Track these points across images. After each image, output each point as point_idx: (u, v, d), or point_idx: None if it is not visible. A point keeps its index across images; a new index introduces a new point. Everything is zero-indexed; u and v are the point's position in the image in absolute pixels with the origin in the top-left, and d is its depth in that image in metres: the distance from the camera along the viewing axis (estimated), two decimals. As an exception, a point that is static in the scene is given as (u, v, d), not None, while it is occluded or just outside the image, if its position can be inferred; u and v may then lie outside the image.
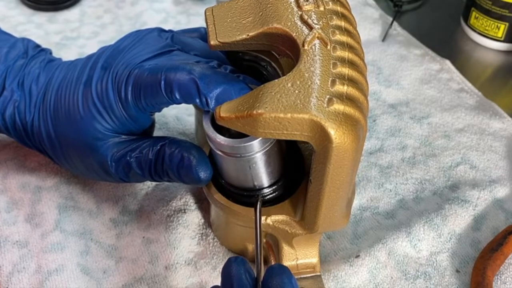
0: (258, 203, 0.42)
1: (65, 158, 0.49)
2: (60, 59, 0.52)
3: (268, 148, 0.40)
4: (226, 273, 0.37)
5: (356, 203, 0.54)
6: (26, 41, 0.53)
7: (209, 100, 0.40)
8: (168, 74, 0.41)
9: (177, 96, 0.41)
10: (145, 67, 0.43)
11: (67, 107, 0.46)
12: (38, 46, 0.53)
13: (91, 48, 0.69)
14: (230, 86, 0.40)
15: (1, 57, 0.50)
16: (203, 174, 0.44)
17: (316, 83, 0.36)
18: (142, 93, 0.43)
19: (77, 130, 0.46)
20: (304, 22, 0.39)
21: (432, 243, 0.51)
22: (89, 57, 0.48)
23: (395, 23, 0.74)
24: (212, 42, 0.40)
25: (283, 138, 0.37)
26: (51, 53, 0.54)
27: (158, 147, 0.45)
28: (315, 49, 0.38)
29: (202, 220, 0.52)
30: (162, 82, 0.41)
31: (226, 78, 0.41)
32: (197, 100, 0.41)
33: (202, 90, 0.40)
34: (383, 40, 0.71)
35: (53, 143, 0.48)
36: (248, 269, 0.37)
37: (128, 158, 0.45)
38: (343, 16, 0.40)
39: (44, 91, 0.48)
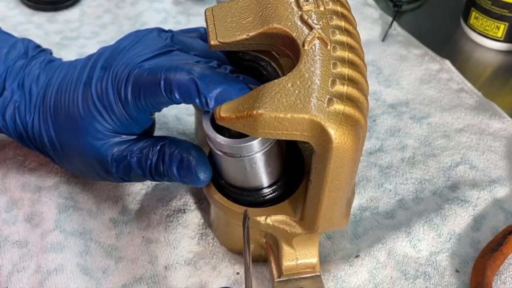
0: (247, 220, 0.41)
1: (65, 158, 0.49)
2: (60, 59, 0.52)
3: (268, 148, 0.40)
4: None
5: (356, 203, 0.54)
6: (26, 42, 0.53)
7: (208, 100, 0.40)
8: (168, 74, 0.41)
9: (177, 96, 0.41)
10: (145, 67, 0.43)
11: (67, 107, 0.46)
12: (38, 46, 0.53)
13: (91, 48, 0.69)
14: (229, 86, 0.40)
15: (1, 57, 0.50)
16: (203, 174, 0.44)
17: (316, 83, 0.36)
18: (141, 93, 0.43)
19: (77, 130, 0.46)
20: (304, 22, 0.39)
21: (432, 243, 0.51)
22: (89, 57, 0.48)
23: (394, 23, 0.74)
24: (212, 42, 0.40)
25: (283, 138, 0.37)
26: (51, 53, 0.54)
27: (158, 147, 0.45)
28: (315, 49, 0.38)
29: (202, 220, 0.52)
30: (162, 82, 0.41)
31: (226, 78, 0.41)
32: (197, 100, 0.41)
33: (201, 90, 0.40)
34: (383, 40, 0.71)
35: (53, 143, 0.48)
36: None
37: (128, 158, 0.45)
38: (343, 16, 0.40)
39: (44, 91, 0.48)
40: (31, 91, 0.49)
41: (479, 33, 0.72)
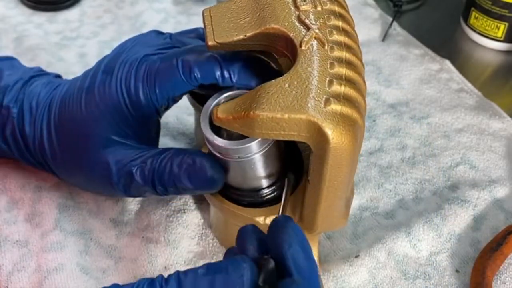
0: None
1: (67, 171, 0.48)
2: (64, 80, 0.52)
3: (266, 149, 0.40)
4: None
5: (355, 203, 0.54)
6: (36, 68, 0.53)
7: (232, 74, 0.40)
8: (185, 56, 0.42)
9: (198, 75, 0.42)
10: (154, 59, 0.43)
11: (70, 115, 0.46)
12: (42, 70, 0.53)
13: (91, 48, 0.69)
14: (247, 62, 0.41)
15: (3, 77, 0.50)
16: (217, 175, 0.43)
17: (313, 83, 0.36)
18: (156, 81, 0.43)
19: (80, 137, 0.45)
20: (302, 22, 0.39)
21: (432, 243, 0.51)
22: (89, 69, 0.48)
23: (394, 23, 0.74)
24: (209, 43, 0.40)
25: (281, 138, 0.37)
26: (59, 76, 0.53)
27: (163, 157, 0.44)
28: (312, 50, 0.38)
29: (202, 220, 0.52)
30: (180, 64, 0.42)
31: (243, 55, 0.42)
32: (219, 75, 0.41)
33: (224, 65, 0.40)
34: (383, 40, 0.71)
35: (55, 155, 0.47)
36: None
37: (130, 167, 0.44)
38: (340, 16, 0.40)
39: (49, 105, 0.48)
40: (31, 106, 0.48)
41: (479, 33, 0.72)
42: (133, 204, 0.53)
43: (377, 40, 0.71)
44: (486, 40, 0.72)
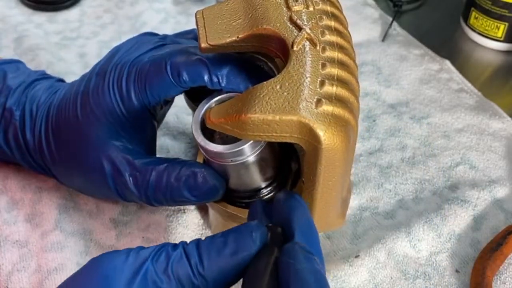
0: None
1: (67, 175, 0.48)
2: (66, 83, 0.52)
3: (259, 151, 0.40)
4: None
5: (355, 203, 0.54)
6: (40, 72, 0.53)
7: (220, 78, 0.40)
8: (173, 59, 0.42)
9: (185, 78, 0.41)
10: (144, 60, 0.43)
11: (68, 119, 0.46)
12: (46, 74, 0.53)
13: (91, 48, 0.69)
14: (237, 64, 0.41)
15: (7, 79, 0.50)
16: (219, 183, 0.43)
17: (305, 84, 0.36)
18: (147, 83, 0.43)
19: (77, 141, 0.45)
20: (294, 23, 0.39)
21: (432, 243, 0.51)
22: (86, 72, 0.48)
23: (394, 23, 0.74)
24: (202, 45, 0.40)
25: (273, 140, 0.36)
26: (62, 80, 0.53)
27: (158, 172, 0.44)
28: (304, 50, 0.37)
29: (202, 221, 0.52)
30: (168, 67, 0.42)
31: (232, 58, 0.41)
32: (207, 79, 0.41)
33: (212, 69, 0.40)
34: (383, 40, 0.71)
35: (54, 159, 0.47)
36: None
37: (125, 174, 0.44)
38: (333, 16, 0.40)
39: (47, 110, 0.48)
40: (32, 110, 0.48)
41: (479, 33, 0.72)
42: (133, 204, 0.53)
43: (377, 40, 0.71)
44: (486, 40, 0.72)
